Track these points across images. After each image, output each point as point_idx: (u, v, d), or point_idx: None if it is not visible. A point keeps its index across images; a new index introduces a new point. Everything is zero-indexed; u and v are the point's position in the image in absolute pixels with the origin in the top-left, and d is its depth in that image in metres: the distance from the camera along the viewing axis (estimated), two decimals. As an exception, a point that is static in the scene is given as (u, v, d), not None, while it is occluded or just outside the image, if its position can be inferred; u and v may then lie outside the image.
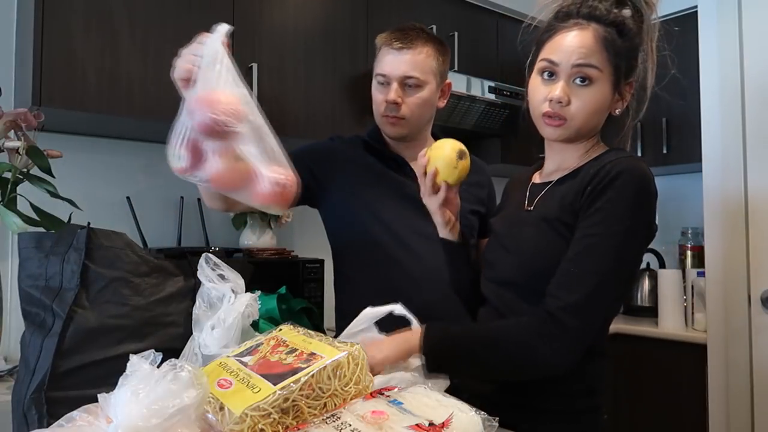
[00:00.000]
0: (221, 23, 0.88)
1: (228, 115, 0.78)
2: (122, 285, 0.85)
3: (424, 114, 1.36)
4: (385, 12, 2.14)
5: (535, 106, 1.00)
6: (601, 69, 0.96)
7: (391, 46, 1.31)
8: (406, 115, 1.32)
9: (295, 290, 1.66)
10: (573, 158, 1.04)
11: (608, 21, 0.98)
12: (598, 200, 0.92)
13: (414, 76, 1.31)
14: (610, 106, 1.01)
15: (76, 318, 0.80)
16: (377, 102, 1.35)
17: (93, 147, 1.87)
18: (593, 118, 0.99)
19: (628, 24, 0.98)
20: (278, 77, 1.88)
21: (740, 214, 2.03)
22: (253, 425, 0.61)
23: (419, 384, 0.72)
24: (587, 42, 0.96)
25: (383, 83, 1.33)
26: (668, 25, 1.06)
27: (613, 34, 0.97)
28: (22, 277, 0.85)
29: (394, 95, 1.30)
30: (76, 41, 1.52)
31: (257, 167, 0.81)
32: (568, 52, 0.96)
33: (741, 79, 2.05)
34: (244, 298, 0.85)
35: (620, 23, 0.98)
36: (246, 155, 0.81)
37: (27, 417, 0.78)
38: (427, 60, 1.32)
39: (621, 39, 0.97)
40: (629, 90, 1.02)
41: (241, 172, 0.82)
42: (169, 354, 0.65)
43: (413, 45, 1.30)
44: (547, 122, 0.99)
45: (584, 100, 0.96)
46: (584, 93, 0.96)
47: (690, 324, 2.32)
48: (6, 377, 1.46)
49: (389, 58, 1.31)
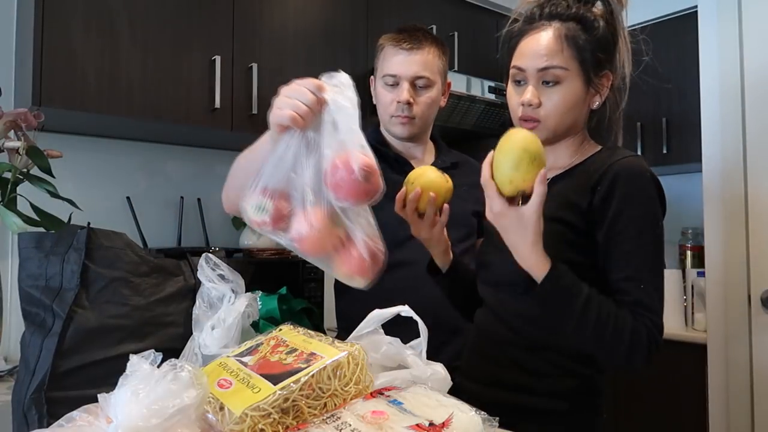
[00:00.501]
0: (340, 71, 0.81)
1: (379, 184, 0.74)
2: (122, 285, 0.85)
3: (432, 113, 1.38)
4: (385, 12, 2.14)
5: (513, 111, 1.03)
6: (567, 67, 0.97)
7: (401, 47, 1.32)
8: (417, 114, 1.33)
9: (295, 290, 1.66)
10: (564, 156, 1.04)
11: (570, 17, 0.98)
12: (626, 209, 0.93)
13: (425, 76, 1.32)
14: (586, 101, 1.01)
15: (76, 318, 0.81)
16: (385, 103, 1.35)
17: (93, 147, 1.87)
18: (567, 116, 0.99)
19: (590, 17, 0.99)
20: (278, 77, 1.87)
21: (740, 214, 2.03)
22: (253, 425, 0.61)
23: (419, 384, 0.72)
24: (549, 43, 0.97)
25: (393, 84, 1.33)
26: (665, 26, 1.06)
27: (576, 29, 0.98)
28: (22, 277, 0.85)
29: (407, 95, 1.31)
30: (76, 41, 1.52)
31: (354, 235, 0.77)
32: (531, 57, 0.98)
33: (741, 79, 2.05)
34: (244, 298, 0.85)
35: (582, 17, 0.98)
36: (345, 220, 0.76)
37: (27, 417, 0.78)
38: (435, 60, 1.34)
39: (586, 33, 0.98)
40: (606, 83, 1.02)
41: (334, 237, 0.77)
42: (169, 354, 0.65)
43: (422, 45, 1.32)
44: (524, 125, 1.00)
45: (555, 100, 0.98)
46: (554, 93, 0.98)
47: (690, 324, 2.32)
48: (6, 377, 1.46)
49: (399, 59, 1.32)
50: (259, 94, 1.80)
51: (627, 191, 0.93)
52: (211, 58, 1.73)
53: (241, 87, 1.79)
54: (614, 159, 0.96)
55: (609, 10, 1.00)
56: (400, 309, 0.85)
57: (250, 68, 1.80)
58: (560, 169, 1.03)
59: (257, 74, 1.80)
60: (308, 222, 0.76)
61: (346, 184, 0.74)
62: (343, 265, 0.78)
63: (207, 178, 2.12)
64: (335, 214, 0.77)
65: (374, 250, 0.77)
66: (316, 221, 0.76)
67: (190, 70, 1.70)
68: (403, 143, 1.40)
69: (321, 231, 0.76)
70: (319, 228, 0.76)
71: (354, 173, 0.74)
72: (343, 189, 0.75)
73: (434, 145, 1.48)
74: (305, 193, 0.77)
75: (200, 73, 1.72)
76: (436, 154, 1.45)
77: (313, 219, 0.76)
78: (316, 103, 0.78)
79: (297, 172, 0.78)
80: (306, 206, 0.77)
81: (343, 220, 0.77)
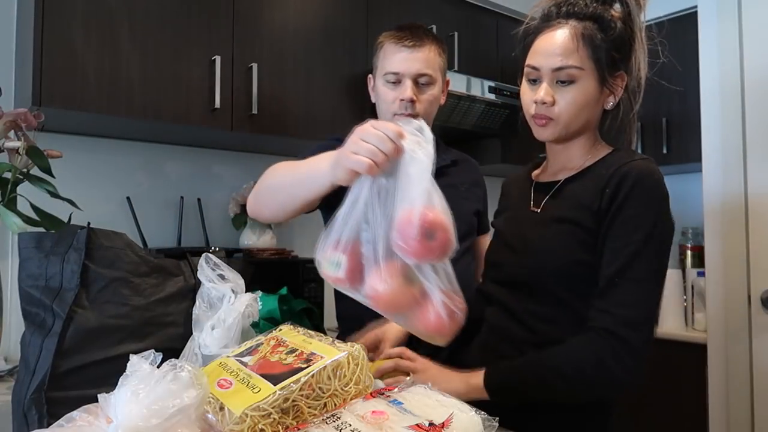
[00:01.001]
0: (420, 119, 0.77)
1: (447, 242, 0.70)
2: (122, 285, 0.84)
3: (434, 111, 1.38)
4: (385, 12, 2.14)
5: (526, 109, 1.03)
6: (582, 67, 0.96)
7: (403, 44, 1.31)
8: (420, 112, 1.33)
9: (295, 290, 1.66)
10: (577, 157, 1.04)
11: (587, 16, 0.98)
12: (625, 207, 0.93)
13: (427, 74, 1.32)
14: (600, 101, 1.01)
15: (77, 318, 0.80)
16: (388, 100, 1.34)
17: (93, 147, 1.87)
18: (581, 115, 0.99)
19: (607, 17, 0.98)
20: (278, 77, 1.88)
21: (740, 214, 2.03)
22: (253, 425, 0.61)
23: (419, 384, 0.72)
24: (565, 42, 0.97)
25: (395, 81, 1.33)
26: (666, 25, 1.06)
27: (592, 29, 0.97)
28: (22, 277, 0.85)
29: (411, 92, 1.30)
30: (76, 41, 1.52)
31: (432, 293, 0.73)
32: (546, 56, 0.98)
33: (741, 79, 2.05)
34: (244, 298, 0.85)
35: (599, 17, 0.98)
36: (420, 277, 0.72)
37: (27, 417, 0.78)
38: (436, 58, 1.34)
39: (602, 33, 0.97)
40: (620, 84, 1.02)
41: (411, 295, 0.74)
42: (169, 354, 0.65)
43: (423, 43, 1.32)
44: (536, 123, 1.01)
45: (568, 99, 0.98)
46: (568, 92, 0.97)
47: (690, 324, 2.32)
48: (6, 377, 1.46)
49: (401, 56, 1.31)
50: (259, 94, 1.80)
51: (630, 192, 0.93)
52: (211, 58, 1.73)
53: (241, 87, 1.79)
54: (625, 161, 0.97)
55: (627, 11, 0.99)
56: None
57: (250, 68, 1.80)
58: (573, 170, 1.04)
59: (257, 74, 1.80)
60: (382, 278, 0.73)
61: (409, 242, 0.70)
62: (419, 323, 0.75)
63: (207, 178, 2.12)
64: (410, 270, 0.73)
65: (452, 310, 0.73)
66: (389, 277, 0.72)
67: (190, 70, 1.70)
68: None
69: (395, 289, 0.72)
70: (392, 285, 0.72)
71: (416, 231, 0.69)
72: (406, 248, 0.71)
73: None
74: (377, 246, 0.73)
75: (200, 73, 1.72)
76: (436, 153, 1.44)
77: (386, 275, 0.72)
78: (395, 152, 0.74)
79: (369, 222, 0.74)
80: (379, 261, 0.73)
81: (417, 276, 0.72)
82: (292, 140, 1.95)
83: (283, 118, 1.89)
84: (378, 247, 0.73)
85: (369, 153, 0.74)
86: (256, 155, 2.19)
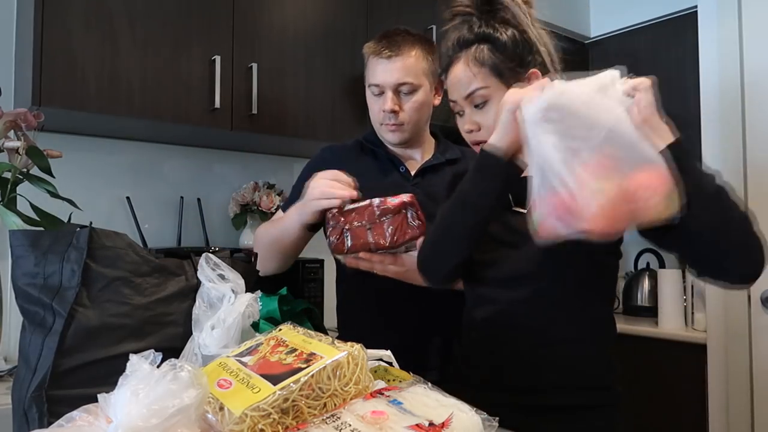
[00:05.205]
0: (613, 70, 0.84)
1: None
2: (123, 284, 0.84)
3: (422, 116, 1.36)
4: (385, 12, 2.14)
5: (465, 137, 1.11)
6: (488, 85, 1.04)
7: (380, 56, 1.30)
8: (405, 120, 1.32)
9: (295, 290, 1.66)
10: None
11: (475, 40, 1.04)
12: None
13: (407, 82, 1.30)
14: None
15: (78, 317, 0.80)
16: (374, 111, 1.36)
17: (93, 147, 1.87)
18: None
19: (492, 33, 1.04)
20: (278, 77, 1.88)
21: (740, 214, 2.03)
22: (253, 425, 0.61)
23: (419, 384, 0.72)
24: (463, 73, 1.05)
25: (377, 93, 1.33)
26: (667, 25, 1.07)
27: (483, 48, 1.03)
28: (18, 275, 0.85)
29: (391, 104, 1.30)
30: (76, 41, 1.52)
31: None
32: (455, 90, 1.07)
33: (741, 79, 2.05)
34: (245, 298, 0.85)
35: (486, 36, 1.04)
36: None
37: (27, 415, 0.78)
38: (417, 63, 1.31)
39: (495, 47, 1.03)
40: (537, 79, 1.04)
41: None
42: (170, 353, 0.65)
43: (401, 51, 1.30)
44: (477, 149, 1.07)
45: (489, 116, 1.04)
46: (486, 111, 1.05)
47: (690, 324, 2.32)
48: (6, 377, 1.46)
49: (380, 68, 1.30)
50: (259, 94, 1.80)
51: None
52: (211, 58, 1.73)
53: (241, 87, 1.79)
54: None
55: (511, 14, 1.04)
56: (383, 353, 0.84)
57: (250, 68, 1.80)
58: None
59: (257, 74, 1.80)
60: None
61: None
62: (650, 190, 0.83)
63: (207, 178, 2.12)
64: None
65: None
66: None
67: (190, 70, 1.70)
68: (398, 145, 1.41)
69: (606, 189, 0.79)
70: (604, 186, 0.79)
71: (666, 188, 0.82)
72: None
73: (435, 142, 1.48)
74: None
75: (200, 73, 1.72)
76: (435, 152, 1.44)
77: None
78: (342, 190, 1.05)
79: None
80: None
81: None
82: (291, 140, 1.96)
83: (283, 118, 1.89)
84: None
85: (321, 194, 1.09)
86: (256, 155, 2.19)
